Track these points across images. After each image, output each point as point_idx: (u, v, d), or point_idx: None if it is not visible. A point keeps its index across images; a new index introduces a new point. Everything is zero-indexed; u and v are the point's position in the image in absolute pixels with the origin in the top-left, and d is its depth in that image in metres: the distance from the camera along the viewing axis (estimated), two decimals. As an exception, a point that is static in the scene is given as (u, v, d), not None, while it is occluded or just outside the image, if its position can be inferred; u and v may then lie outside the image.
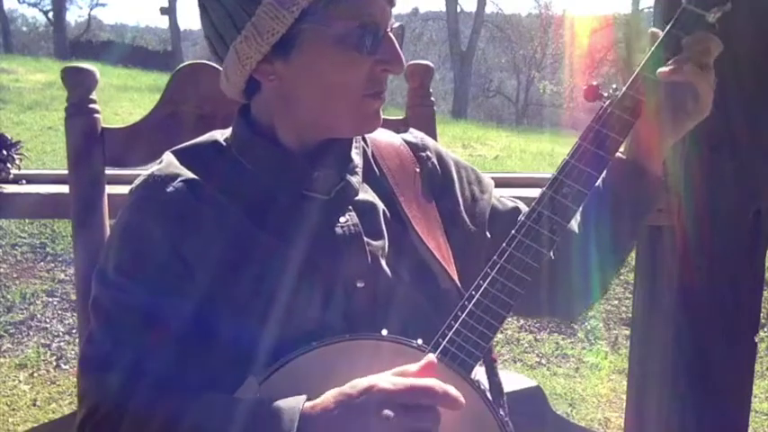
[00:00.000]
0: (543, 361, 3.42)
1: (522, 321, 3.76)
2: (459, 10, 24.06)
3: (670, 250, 1.74)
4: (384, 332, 0.85)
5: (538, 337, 3.66)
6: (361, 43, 0.88)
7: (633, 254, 3.09)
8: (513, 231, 0.91)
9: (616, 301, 3.93)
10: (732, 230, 1.69)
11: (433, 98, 1.31)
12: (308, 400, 0.80)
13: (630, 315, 2.18)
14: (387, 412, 0.75)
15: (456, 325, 0.86)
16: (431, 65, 1.33)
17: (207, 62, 1.28)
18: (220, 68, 0.97)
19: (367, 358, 0.82)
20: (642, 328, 1.89)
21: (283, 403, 0.79)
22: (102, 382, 0.88)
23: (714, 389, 1.74)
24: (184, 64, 1.31)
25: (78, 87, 1.25)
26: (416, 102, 1.30)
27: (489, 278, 0.88)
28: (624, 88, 0.93)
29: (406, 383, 0.77)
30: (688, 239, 1.69)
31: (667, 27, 0.93)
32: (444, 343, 0.85)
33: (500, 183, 1.14)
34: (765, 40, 1.64)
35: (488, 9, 24.34)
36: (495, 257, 0.90)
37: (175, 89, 1.28)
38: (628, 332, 3.42)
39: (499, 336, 3.67)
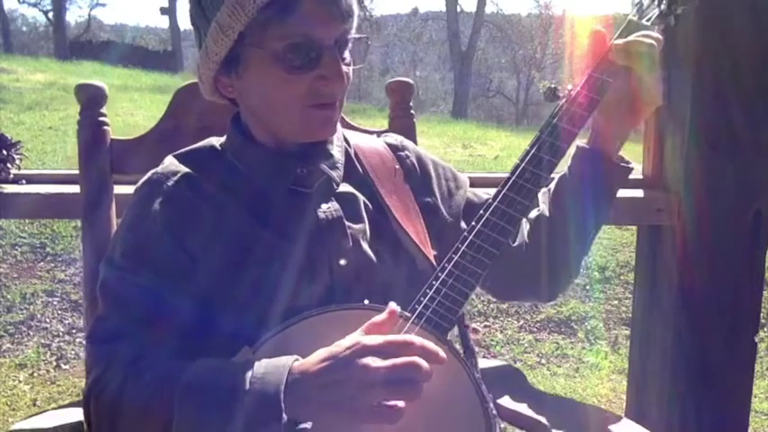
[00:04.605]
0: (543, 361, 3.43)
1: (521, 321, 3.76)
2: (459, 10, 24.07)
3: (670, 250, 1.74)
4: (366, 302, 0.94)
5: (538, 337, 3.66)
6: (291, 61, 0.94)
7: (633, 254, 3.08)
8: (481, 211, 0.99)
9: (616, 301, 3.92)
10: (732, 230, 1.69)
11: (413, 111, 1.45)
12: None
13: (630, 315, 2.18)
14: (366, 360, 0.80)
15: (430, 293, 0.94)
16: (411, 82, 1.47)
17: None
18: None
19: (351, 325, 0.89)
20: (642, 328, 1.89)
21: (274, 361, 0.85)
22: (112, 350, 0.93)
23: (714, 389, 1.74)
24: (184, 84, 1.40)
25: (90, 102, 1.36)
26: (398, 114, 1.44)
27: (460, 251, 0.97)
28: (579, 88, 1.01)
29: (387, 338, 0.84)
30: (688, 239, 1.70)
31: (615, 36, 1.01)
32: (420, 308, 0.93)
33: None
34: (765, 39, 1.64)
35: (488, 9, 24.38)
36: (465, 233, 0.98)
37: (177, 106, 1.39)
38: (628, 332, 3.42)
39: (499, 336, 3.67)
